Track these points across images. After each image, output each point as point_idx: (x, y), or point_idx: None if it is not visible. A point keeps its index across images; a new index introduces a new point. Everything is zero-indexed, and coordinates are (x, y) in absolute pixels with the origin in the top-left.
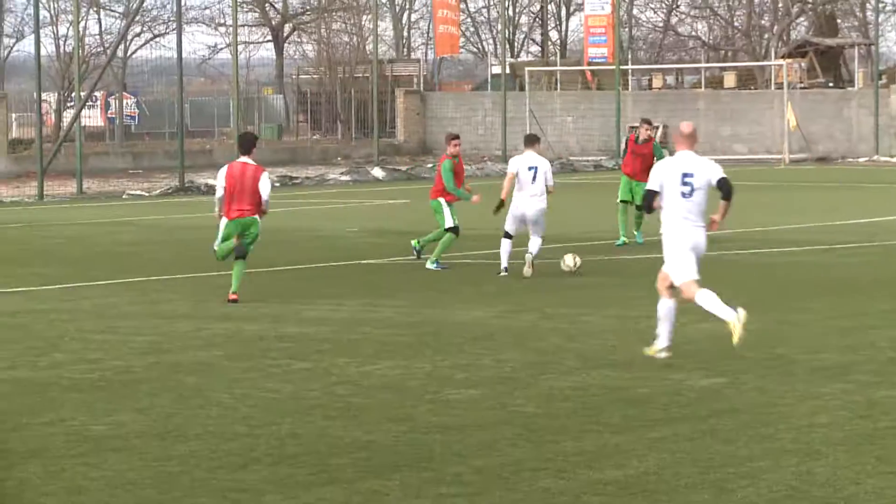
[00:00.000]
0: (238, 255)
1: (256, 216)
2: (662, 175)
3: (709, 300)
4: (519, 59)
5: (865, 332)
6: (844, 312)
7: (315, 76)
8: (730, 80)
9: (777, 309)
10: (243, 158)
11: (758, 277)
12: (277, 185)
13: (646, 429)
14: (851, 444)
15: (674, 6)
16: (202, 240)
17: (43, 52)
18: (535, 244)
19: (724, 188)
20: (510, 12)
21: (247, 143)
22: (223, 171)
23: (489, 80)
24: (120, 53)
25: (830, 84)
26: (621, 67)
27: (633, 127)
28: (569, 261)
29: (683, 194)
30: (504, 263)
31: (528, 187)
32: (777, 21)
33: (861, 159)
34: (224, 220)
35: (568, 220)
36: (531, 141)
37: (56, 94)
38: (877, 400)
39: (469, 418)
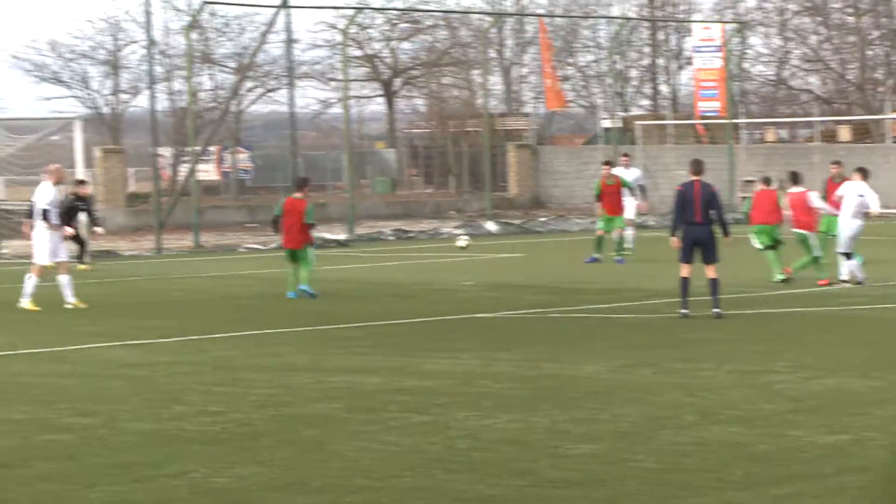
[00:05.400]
0: None
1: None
2: None
3: None
4: (630, 113)
5: None
6: None
7: (426, 130)
8: (844, 133)
9: None
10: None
11: (881, 332)
12: (392, 238)
13: (769, 486)
14: None
15: (785, 60)
16: (320, 293)
17: (158, 107)
18: None
19: None
20: (619, 66)
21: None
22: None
23: (599, 133)
24: (233, 108)
25: None
26: (733, 121)
27: (748, 181)
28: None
29: None
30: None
31: None
32: (891, 74)
33: None
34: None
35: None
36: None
37: (171, 149)
38: None
39: (590, 473)
